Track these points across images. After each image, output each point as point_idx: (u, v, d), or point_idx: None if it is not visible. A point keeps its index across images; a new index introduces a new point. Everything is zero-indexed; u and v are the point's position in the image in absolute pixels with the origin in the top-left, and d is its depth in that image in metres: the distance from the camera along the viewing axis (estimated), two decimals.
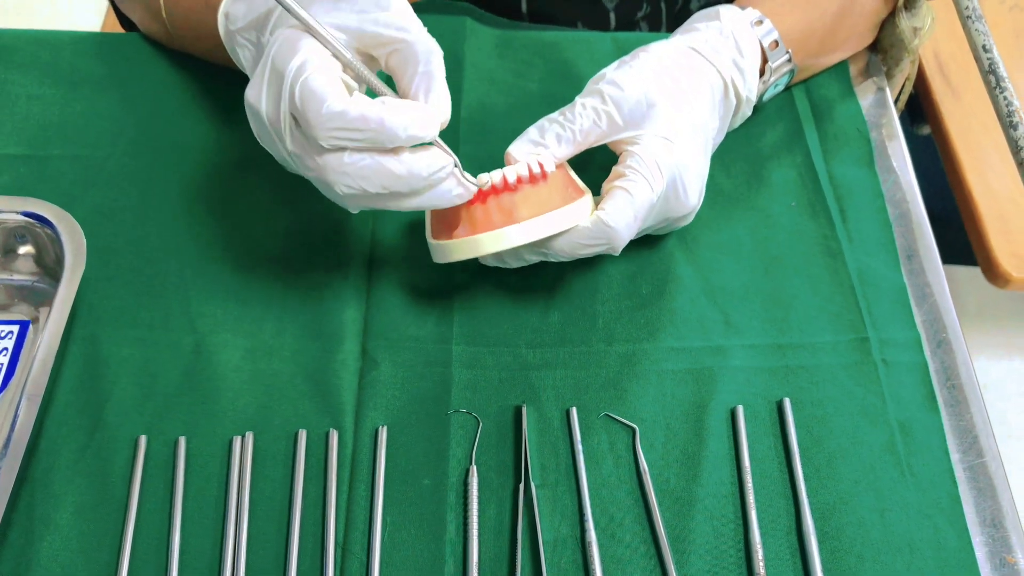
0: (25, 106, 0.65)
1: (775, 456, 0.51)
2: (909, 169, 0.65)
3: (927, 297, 0.59)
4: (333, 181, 0.46)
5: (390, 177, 0.46)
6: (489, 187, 0.50)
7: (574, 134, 0.52)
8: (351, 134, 0.44)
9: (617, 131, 0.52)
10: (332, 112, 0.44)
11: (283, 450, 0.51)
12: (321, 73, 0.45)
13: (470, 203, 0.50)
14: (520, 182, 0.50)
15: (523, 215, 0.50)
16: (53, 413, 0.52)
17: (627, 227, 0.51)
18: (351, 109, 0.44)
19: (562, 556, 0.48)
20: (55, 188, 0.61)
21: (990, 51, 0.61)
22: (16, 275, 0.57)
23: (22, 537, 0.48)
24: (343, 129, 0.44)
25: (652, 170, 0.51)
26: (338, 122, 0.44)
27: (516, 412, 0.53)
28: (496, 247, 0.50)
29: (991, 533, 0.50)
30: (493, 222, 0.50)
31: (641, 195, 0.50)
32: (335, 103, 0.44)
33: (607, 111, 0.52)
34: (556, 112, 0.54)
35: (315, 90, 0.44)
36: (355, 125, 0.44)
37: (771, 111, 0.66)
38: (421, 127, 0.45)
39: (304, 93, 0.44)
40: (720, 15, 0.57)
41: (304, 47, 0.45)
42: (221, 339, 0.55)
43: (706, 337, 0.56)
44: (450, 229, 0.51)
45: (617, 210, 0.50)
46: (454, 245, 0.51)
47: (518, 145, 0.53)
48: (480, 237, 0.50)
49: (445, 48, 0.69)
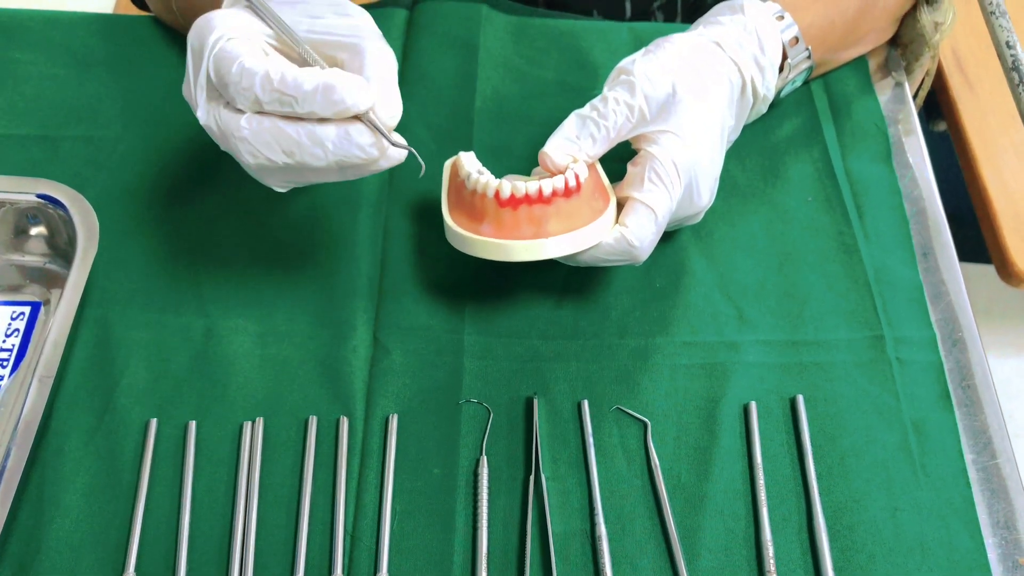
0: (38, 86, 0.65)
1: (787, 453, 0.51)
2: (927, 165, 0.64)
3: (943, 296, 0.58)
4: (235, 148, 0.46)
5: (292, 144, 0.44)
6: (524, 196, 0.49)
7: (608, 131, 0.51)
8: (265, 94, 0.43)
9: (644, 125, 0.52)
10: (245, 68, 0.43)
11: (293, 436, 0.51)
12: (238, 40, 0.44)
13: (501, 205, 0.49)
14: (555, 195, 0.49)
15: (552, 230, 0.49)
16: (64, 395, 0.52)
17: (650, 244, 0.50)
18: (265, 67, 0.43)
19: (571, 549, 0.48)
20: (67, 169, 0.61)
21: (1014, 47, 0.60)
22: (28, 256, 0.57)
23: (32, 518, 0.48)
24: (256, 85, 0.43)
25: (672, 176, 0.50)
26: (250, 78, 0.43)
27: (527, 403, 0.52)
28: (521, 257, 0.49)
29: (1004, 535, 0.49)
30: (521, 231, 0.49)
31: (662, 208, 0.50)
32: (249, 61, 0.43)
33: (639, 106, 0.51)
34: (587, 106, 0.52)
35: (229, 51, 0.44)
36: (267, 82, 0.43)
37: (788, 105, 0.66)
38: (342, 91, 0.42)
39: (219, 56, 0.44)
40: (744, 9, 0.56)
41: (219, 24, 0.45)
42: (232, 324, 0.55)
43: (719, 332, 0.55)
44: (473, 220, 0.51)
45: (639, 227, 0.50)
46: (475, 241, 0.50)
47: (555, 144, 0.52)
48: (505, 243, 0.49)
49: (460, 35, 0.69)
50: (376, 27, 0.48)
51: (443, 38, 0.68)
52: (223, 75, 0.44)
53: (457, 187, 0.53)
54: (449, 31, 0.69)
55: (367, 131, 0.44)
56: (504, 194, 0.49)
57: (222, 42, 0.45)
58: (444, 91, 0.66)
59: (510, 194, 0.49)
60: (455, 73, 0.67)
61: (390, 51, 0.46)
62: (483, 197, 0.50)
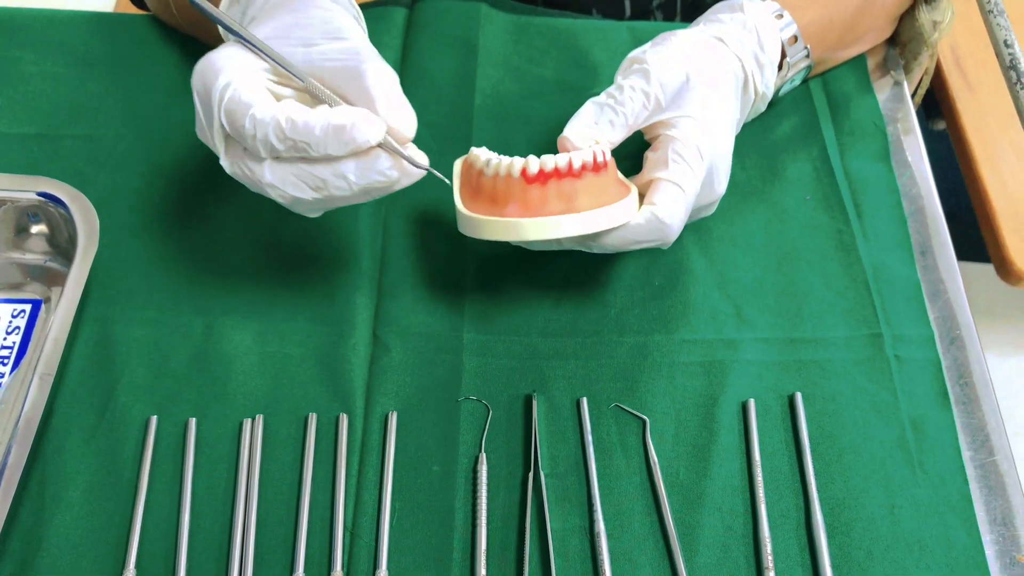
0: (39, 85, 0.65)
1: (786, 451, 0.51)
2: (925, 164, 0.64)
3: (941, 294, 0.58)
4: (265, 192, 0.47)
5: (317, 181, 0.45)
6: (553, 169, 0.47)
7: (626, 118, 0.51)
8: (279, 143, 0.44)
9: (659, 113, 0.51)
10: (257, 119, 0.44)
11: (293, 433, 0.51)
12: (245, 85, 0.45)
13: (529, 181, 0.47)
14: (585, 169, 0.47)
15: (583, 205, 0.47)
16: (64, 392, 0.52)
17: (681, 222, 0.49)
18: (275, 115, 0.44)
19: (570, 546, 0.48)
20: (67, 168, 0.61)
21: (1012, 46, 0.60)
22: (29, 254, 0.57)
23: (33, 516, 0.48)
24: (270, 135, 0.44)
25: (695, 157, 0.49)
26: (263, 128, 0.44)
27: (526, 401, 0.53)
28: (550, 234, 0.46)
29: (1001, 532, 0.49)
30: (550, 208, 0.47)
31: (690, 187, 0.49)
32: (260, 110, 0.44)
33: (654, 93, 0.51)
34: (603, 94, 0.52)
35: (240, 101, 0.44)
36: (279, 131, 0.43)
37: (787, 104, 0.66)
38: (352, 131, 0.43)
39: (230, 107, 0.44)
40: (744, 7, 0.57)
41: (226, 67, 0.45)
42: (232, 321, 0.55)
43: (718, 330, 0.55)
44: (495, 204, 0.48)
45: (669, 205, 0.48)
46: (500, 224, 0.47)
47: (575, 128, 0.51)
48: (534, 221, 0.46)
49: (459, 34, 0.69)
50: (370, 44, 0.47)
51: (442, 37, 0.68)
52: (237, 128, 0.45)
53: (473, 181, 0.51)
54: (448, 30, 0.69)
55: (385, 156, 0.45)
56: (532, 170, 0.47)
57: (230, 90, 0.44)
58: (444, 90, 0.66)
59: (538, 169, 0.47)
60: (455, 72, 0.67)
61: (389, 68, 0.46)
62: (508, 179, 0.48)
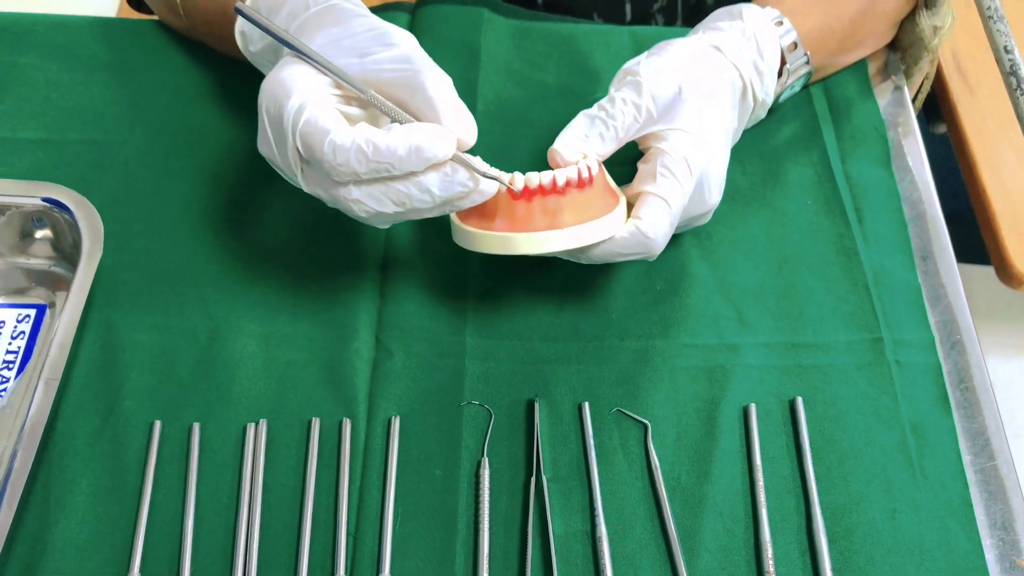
0: (43, 90, 0.65)
1: (787, 455, 0.52)
2: (926, 169, 0.65)
3: (942, 298, 0.58)
4: (351, 209, 0.47)
5: (403, 197, 0.46)
6: (537, 186, 0.48)
7: (616, 131, 0.51)
8: (360, 165, 0.44)
9: (651, 124, 0.52)
10: (337, 145, 0.44)
11: (296, 438, 0.51)
12: (319, 108, 0.45)
13: (514, 198, 0.49)
14: (569, 185, 0.49)
15: (567, 221, 0.49)
16: (69, 397, 0.52)
17: (665, 236, 0.50)
18: (355, 139, 0.44)
19: (572, 550, 0.48)
20: (72, 173, 0.61)
21: (1012, 52, 0.60)
22: (34, 259, 0.58)
23: (38, 520, 0.48)
24: (352, 161, 0.44)
25: (683, 171, 0.50)
26: (344, 155, 0.44)
27: (528, 405, 0.53)
28: (536, 250, 0.49)
29: (1001, 536, 0.50)
30: (535, 223, 0.49)
31: (676, 201, 0.50)
32: (339, 136, 0.44)
33: (646, 105, 0.51)
34: (595, 107, 0.53)
35: (316, 125, 0.44)
36: (361, 156, 0.44)
37: (788, 109, 0.66)
38: (430, 148, 0.44)
39: (306, 132, 0.45)
40: (743, 15, 0.57)
41: (296, 87, 0.46)
42: (236, 326, 0.55)
43: (719, 335, 0.56)
44: (484, 218, 0.50)
45: (654, 219, 0.50)
46: (488, 238, 0.49)
47: (565, 141, 0.52)
48: (520, 236, 0.49)
49: (461, 39, 0.69)
50: (420, 47, 0.48)
51: (445, 42, 0.68)
52: (314, 152, 0.45)
53: None
54: (450, 35, 0.69)
55: (461, 167, 0.46)
56: (517, 187, 0.48)
57: (305, 114, 0.45)
58: None
59: (523, 185, 0.48)
60: (456, 77, 0.66)
61: (444, 75, 0.47)
62: (495, 194, 0.49)
